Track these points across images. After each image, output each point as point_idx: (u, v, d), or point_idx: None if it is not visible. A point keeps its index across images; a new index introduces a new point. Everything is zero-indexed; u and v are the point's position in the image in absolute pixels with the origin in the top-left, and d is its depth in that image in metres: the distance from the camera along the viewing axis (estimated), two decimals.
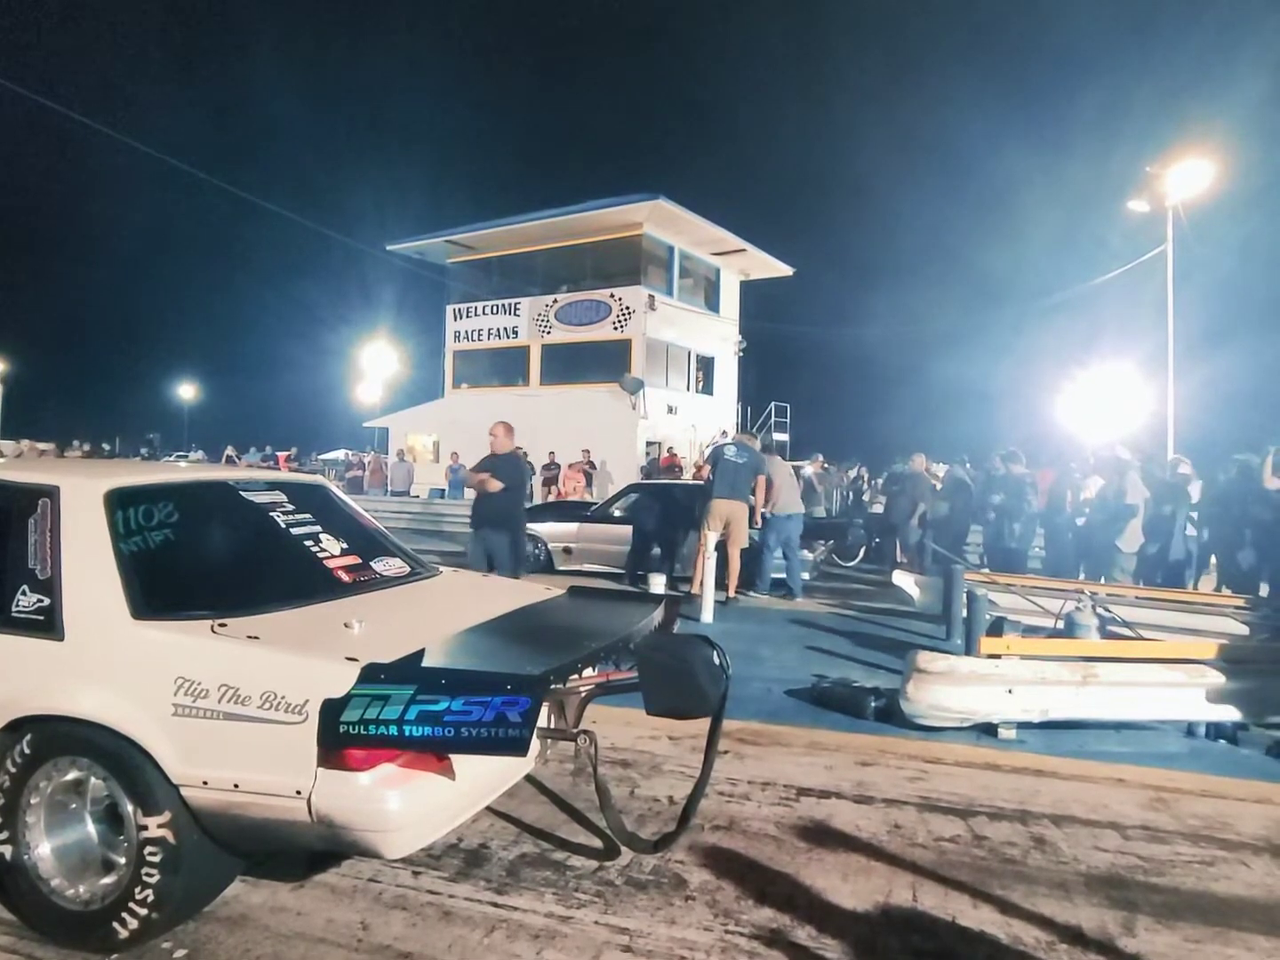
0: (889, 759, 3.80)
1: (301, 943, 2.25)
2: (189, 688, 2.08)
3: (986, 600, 5.66)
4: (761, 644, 6.23)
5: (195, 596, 2.40)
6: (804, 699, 4.83)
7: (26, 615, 2.31)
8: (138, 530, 2.47)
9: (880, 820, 3.12)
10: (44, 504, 2.45)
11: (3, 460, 10.03)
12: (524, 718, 1.91)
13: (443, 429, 20.99)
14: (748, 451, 8.12)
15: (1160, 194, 17.28)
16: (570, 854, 2.81)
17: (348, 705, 1.95)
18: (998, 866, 2.78)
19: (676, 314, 20.70)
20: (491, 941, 2.28)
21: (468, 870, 2.67)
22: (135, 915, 2.12)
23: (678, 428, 20.27)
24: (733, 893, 2.56)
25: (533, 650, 2.39)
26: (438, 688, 1.96)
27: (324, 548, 2.90)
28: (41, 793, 2.23)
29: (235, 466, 12.25)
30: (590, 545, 9.38)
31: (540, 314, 20.75)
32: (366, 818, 1.99)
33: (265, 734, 2.02)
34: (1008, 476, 8.68)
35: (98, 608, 2.27)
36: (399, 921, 2.37)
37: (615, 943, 2.28)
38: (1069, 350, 21.86)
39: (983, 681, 4.12)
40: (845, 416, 33.05)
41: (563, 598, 3.21)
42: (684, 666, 2.39)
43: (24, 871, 2.22)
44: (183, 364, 41.05)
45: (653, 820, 3.07)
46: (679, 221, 19.63)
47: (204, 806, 2.09)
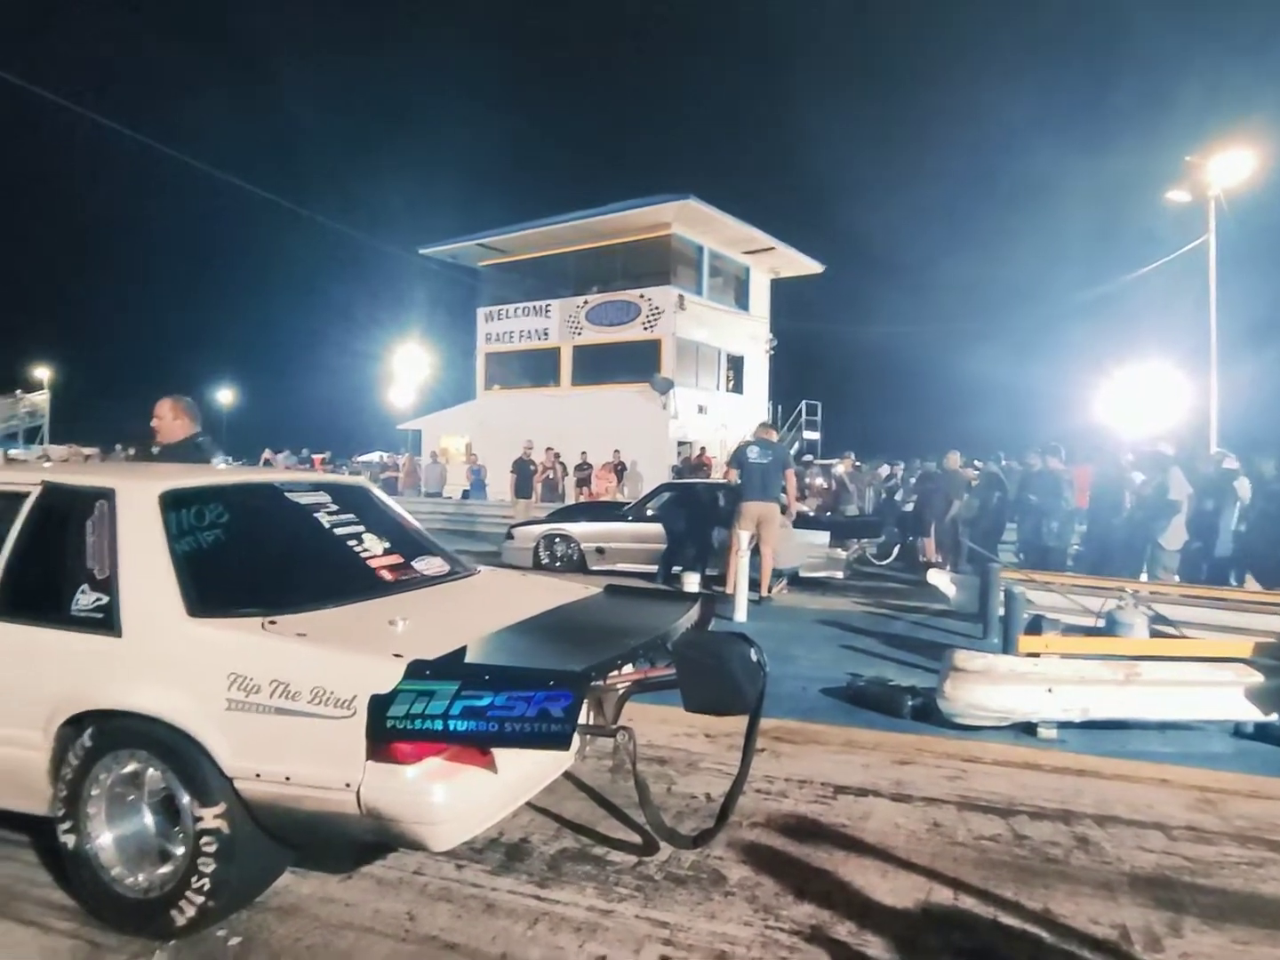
0: (926, 758, 3.78)
1: (350, 932, 2.31)
2: (242, 683, 2.15)
3: (1024, 598, 5.59)
4: (795, 643, 6.22)
5: (245, 595, 2.47)
6: (839, 698, 4.82)
7: (86, 613, 2.40)
8: (190, 531, 2.55)
9: (919, 819, 3.11)
10: (101, 506, 2.54)
11: (57, 464, 10.33)
12: (566, 713, 1.94)
13: (475, 430, 21.19)
14: (771, 448, 8.04)
15: (1201, 184, 16.87)
16: (610, 849, 2.84)
17: (394, 700, 2.00)
18: (1040, 866, 2.76)
19: (706, 313, 20.68)
20: (535, 933, 2.31)
21: (510, 864, 2.71)
22: (192, 903, 2.19)
23: (708, 427, 20.25)
24: (772, 889, 2.58)
25: (572, 647, 2.43)
26: (481, 683, 2.01)
27: (367, 547, 2.97)
28: (102, 784, 2.32)
29: (275, 469, 12.48)
30: (623, 545, 9.42)
31: (571, 315, 20.86)
32: (413, 810, 2.04)
33: (315, 728, 2.08)
34: (1045, 472, 8.55)
35: (154, 606, 2.35)
36: (444, 913, 2.41)
37: (656, 936, 2.31)
38: (1107, 345, 21.47)
39: (1022, 680, 4.08)
40: (877, 415, 32.73)
41: (600, 596, 3.25)
42: (722, 663, 2.41)
43: (86, 860, 2.31)
44: (221, 369, 41.90)
45: (690, 817, 3.09)
46: (708, 221, 19.60)
47: (257, 798, 2.15)
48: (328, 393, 35.68)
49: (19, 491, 2.69)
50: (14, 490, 2.71)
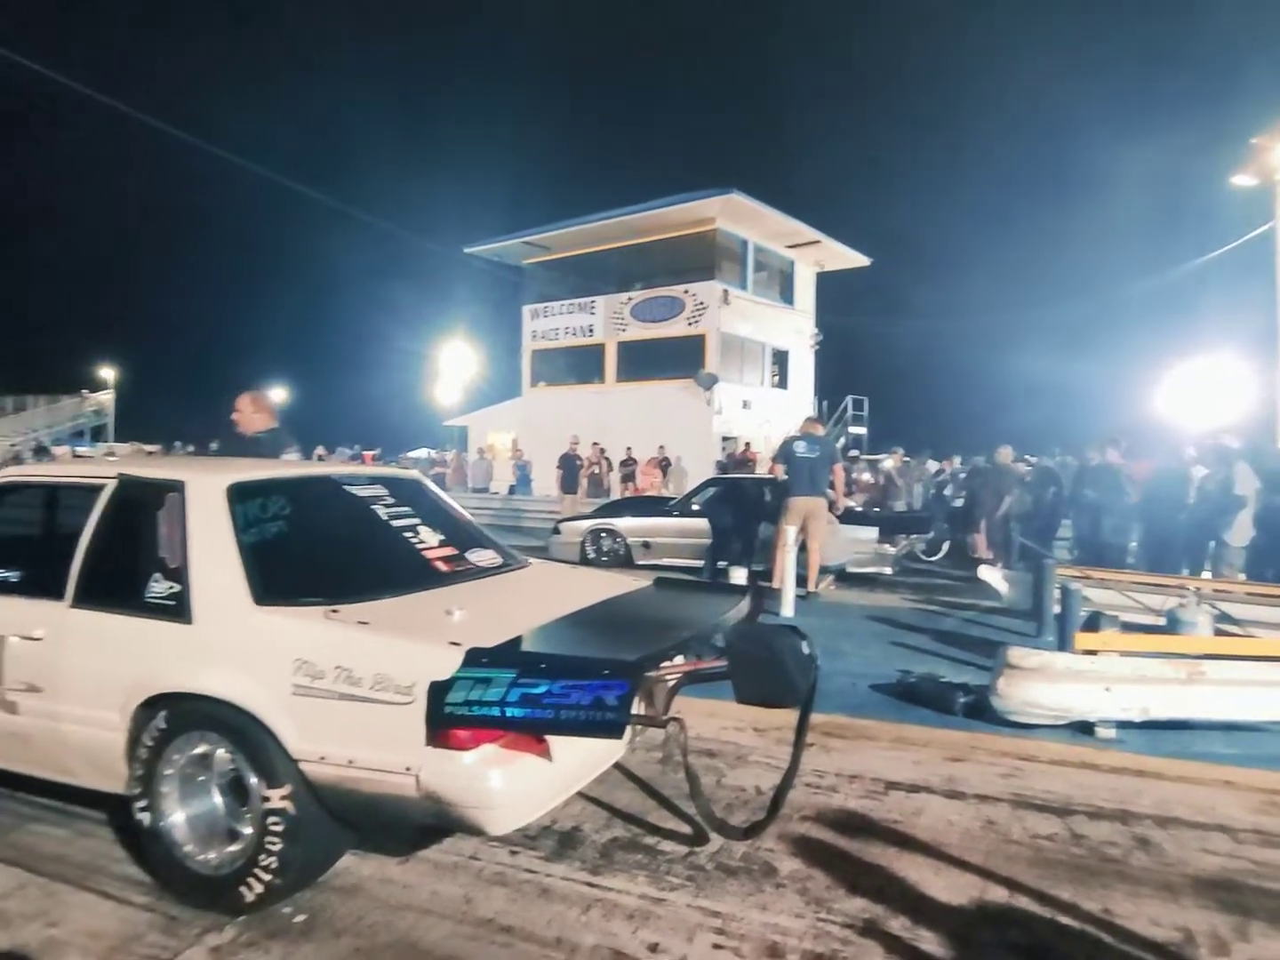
0: (980, 755, 3.73)
1: (410, 913, 2.37)
2: (307, 669, 2.22)
3: (1081, 595, 5.46)
4: (843, 639, 6.17)
5: (308, 584, 2.55)
6: (889, 694, 4.77)
7: (159, 601, 2.50)
8: (256, 522, 2.65)
9: (972, 816, 3.08)
10: (172, 498, 2.64)
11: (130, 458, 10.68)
12: (620, 702, 1.97)
13: (521, 427, 21.40)
14: (818, 443, 7.97)
15: (1268, 167, 16.20)
16: (660, 839, 2.87)
17: (453, 687, 2.06)
18: (1098, 866, 2.71)
19: (750, 308, 20.54)
20: (589, 919, 2.35)
21: (562, 851, 2.76)
22: (260, 880, 2.27)
23: (752, 423, 20.13)
24: (823, 882, 2.58)
25: (624, 638, 2.45)
26: (537, 671, 2.04)
27: (422, 539, 3.04)
28: (175, 764, 2.42)
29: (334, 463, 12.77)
30: (669, 540, 9.43)
31: (615, 312, 20.90)
32: (471, 795, 2.09)
33: (377, 713, 2.14)
34: (1103, 466, 8.32)
35: (223, 594, 2.44)
36: (500, 897, 2.47)
37: (708, 925, 2.33)
38: (1166, 336, 20.76)
39: (1079, 678, 3.99)
40: (925, 409, 32.14)
41: (650, 588, 3.27)
42: (773, 656, 2.41)
43: (160, 837, 2.41)
44: (273, 367, 42.94)
45: (740, 809, 3.10)
46: (752, 215, 19.45)
47: (321, 780, 2.23)
48: (376, 390, 36.34)
49: (96, 484, 2.82)
50: (92, 483, 2.85)
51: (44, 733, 2.60)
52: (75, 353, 41.72)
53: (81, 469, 3.32)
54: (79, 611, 2.60)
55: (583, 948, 2.21)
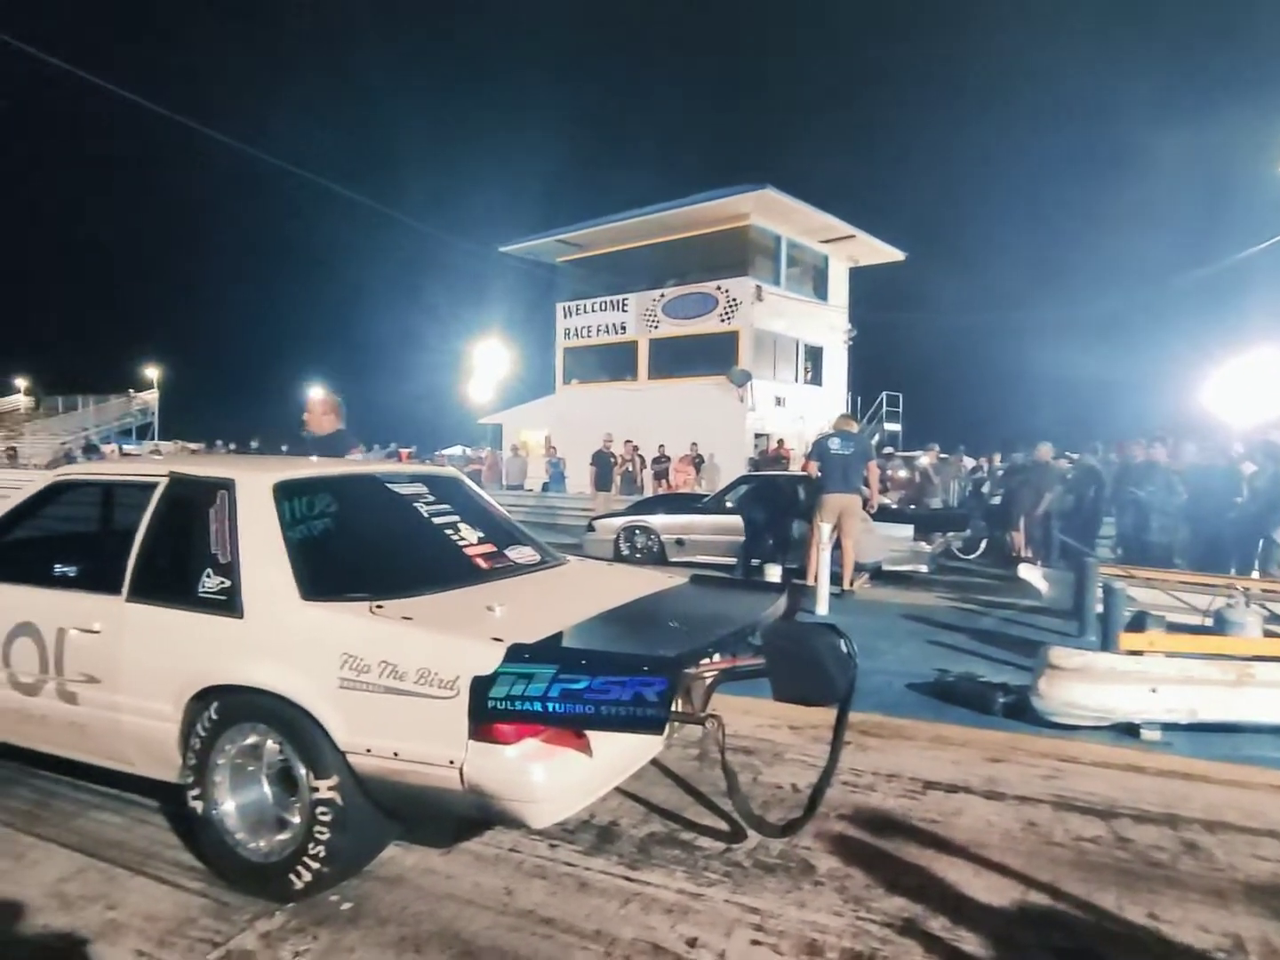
0: (1020, 756, 3.69)
1: (452, 903, 2.41)
2: (353, 663, 2.27)
3: (1125, 595, 5.36)
4: (879, 637, 6.12)
5: (353, 580, 2.60)
6: (926, 693, 4.73)
7: (211, 595, 2.57)
8: (302, 519, 2.71)
9: (1013, 817, 3.05)
10: (222, 495, 2.72)
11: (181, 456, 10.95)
12: (660, 698, 1.99)
13: (554, 424, 21.52)
14: (852, 440, 7.90)
15: None
16: (698, 835, 2.88)
17: (495, 682, 2.09)
18: (1144, 870, 2.67)
19: (784, 304, 20.42)
20: (627, 913, 2.38)
21: (601, 845, 2.79)
22: (309, 869, 2.33)
23: (786, 419, 20.02)
24: (862, 880, 2.57)
25: (663, 635, 2.47)
26: (578, 667, 2.07)
27: (463, 536, 3.08)
28: (226, 754, 2.49)
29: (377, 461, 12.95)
30: (703, 537, 9.43)
31: (648, 309, 20.90)
32: (513, 788, 2.13)
33: (421, 707, 2.18)
34: (1148, 464, 8.14)
35: (271, 589, 2.51)
36: (539, 889, 2.50)
37: (746, 921, 2.34)
38: (1212, 330, 20.18)
39: (1123, 679, 3.92)
40: (962, 406, 31.63)
41: (686, 586, 3.29)
42: (812, 654, 2.42)
43: (213, 825, 2.49)
44: (309, 367, 43.63)
45: (777, 806, 3.10)
46: (786, 210, 19.32)
47: (367, 772, 2.28)
48: (412, 389, 36.78)
49: (149, 482, 2.90)
50: (145, 481, 2.94)
51: (102, 722, 2.69)
52: (122, 353, 42.84)
53: (134, 467, 3.42)
54: (134, 605, 2.68)
55: (622, 940, 2.24)
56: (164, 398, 37.31)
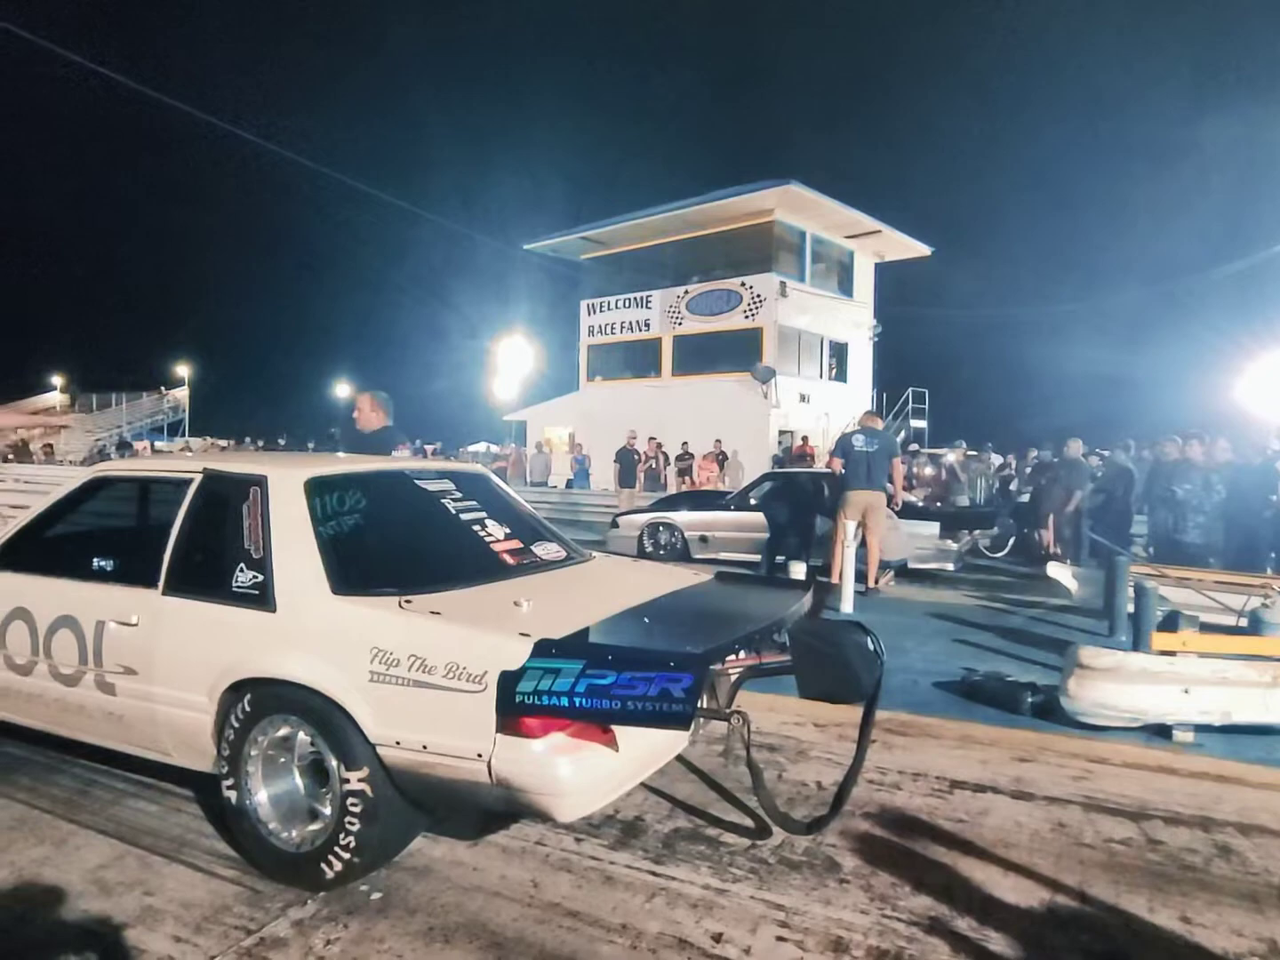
0: (1049, 756, 3.65)
1: (480, 895, 2.44)
2: (383, 657, 2.31)
3: (1157, 594, 5.28)
4: (905, 635, 6.08)
5: (382, 574, 2.64)
6: (953, 692, 4.70)
7: (244, 590, 2.62)
8: (333, 515, 2.75)
9: (1042, 818, 3.02)
10: (254, 491, 2.76)
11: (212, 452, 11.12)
12: (687, 694, 2.00)
13: (577, 421, 21.58)
14: (877, 436, 7.86)
15: None
16: (722, 831, 2.89)
17: (523, 677, 2.11)
18: (1176, 873, 2.63)
19: (809, 300, 20.31)
20: (652, 907, 2.39)
21: (626, 840, 2.80)
22: (339, 859, 2.37)
23: (810, 416, 19.92)
24: (888, 879, 2.56)
25: (689, 631, 2.48)
26: (605, 663, 2.08)
27: (489, 532, 3.11)
28: (259, 746, 2.53)
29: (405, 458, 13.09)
30: (726, 534, 9.43)
31: (671, 306, 20.90)
32: (540, 782, 2.15)
33: (450, 701, 2.21)
34: (1182, 462, 7.99)
35: (303, 583, 2.55)
36: (565, 882, 2.52)
37: (772, 918, 2.34)
38: (1243, 325, 19.73)
39: (1155, 680, 3.87)
40: (988, 402, 31.24)
41: (711, 582, 3.29)
42: (839, 651, 2.41)
43: (246, 815, 2.53)
44: (336, 365, 44.19)
45: (802, 804, 3.10)
46: (811, 205, 19.21)
47: (397, 764, 2.31)
48: (437, 386, 37.09)
49: (184, 478, 2.96)
50: (179, 477, 2.99)
51: (139, 713, 2.75)
52: (154, 351, 43.63)
53: (168, 464, 3.49)
54: (170, 599, 2.74)
55: (647, 934, 2.25)
56: (194, 395, 37.93)
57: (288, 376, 51.20)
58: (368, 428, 4.70)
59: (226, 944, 2.18)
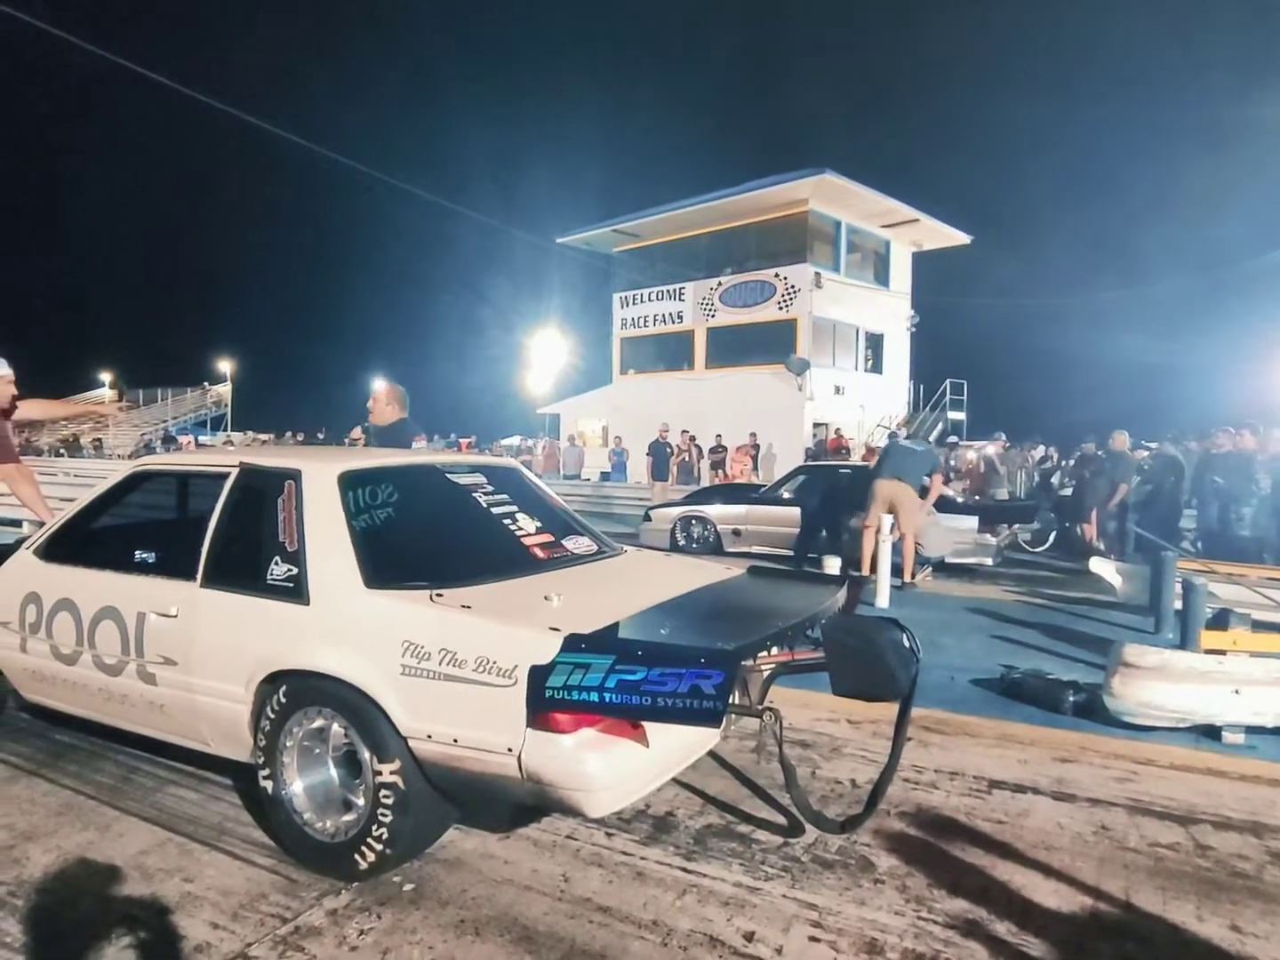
0: (1091, 757, 3.56)
1: (511, 888, 2.45)
2: (414, 650, 2.31)
3: (1206, 591, 5.12)
4: (942, 632, 5.98)
5: (414, 568, 2.65)
6: (991, 689, 4.60)
7: (279, 583, 2.65)
8: (366, 508, 2.77)
9: (1084, 820, 2.94)
10: (289, 485, 2.79)
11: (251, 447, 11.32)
12: (718, 690, 1.97)
13: (610, 414, 21.59)
14: (926, 445, 8.01)
15: None
16: (754, 828, 2.86)
17: (553, 671, 2.10)
18: (1226, 880, 2.54)
19: (844, 290, 20.07)
20: (684, 904, 2.37)
21: (657, 835, 2.79)
22: (373, 850, 2.39)
23: (845, 409, 19.70)
24: (924, 880, 2.51)
25: (721, 627, 2.45)
26: (635, 658, 2.06)
27: (521, 526, 3.11)
28: (294, 737, 2.56)
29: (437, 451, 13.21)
30: (759, 527, 9.36)
31: (705, 297, 20.79)
32: (570, 777, 2.14)
33: (480, 695, 2.21)
34: (1234, 453, 7.74)
35: (336, 577, 2.57)
36: (596, 877, 2.51)
37: (804, 917, 2.31)
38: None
39: (1203, 679, 3.74)
40: (1029, 393, 30.55)
41: (744, 577, 3.25)
42: (874, 648, 2.36)
43: (282, 804, 2.56)
44: (372, 360, 44.67)
45: (835, 802, 3.05)
46: (847, 195, 18.96)
47: (428, 757, 2.32)
48: (471, 380, 37.39)
49: (221, 472, 3.00)
50: (218, 471, 3.04)
51: (179, 702, 2.80)
52: (197, 348, 44.61)
53: (206, 458, 3.55)
54: (208, 591, 2.78)
55: (678, 931, 2.23)
56: (236, 390, 38.70)
57: (327, 371, 52.00)
58: (382, 421, 4.68)
59: (263, 932, 2.21)
